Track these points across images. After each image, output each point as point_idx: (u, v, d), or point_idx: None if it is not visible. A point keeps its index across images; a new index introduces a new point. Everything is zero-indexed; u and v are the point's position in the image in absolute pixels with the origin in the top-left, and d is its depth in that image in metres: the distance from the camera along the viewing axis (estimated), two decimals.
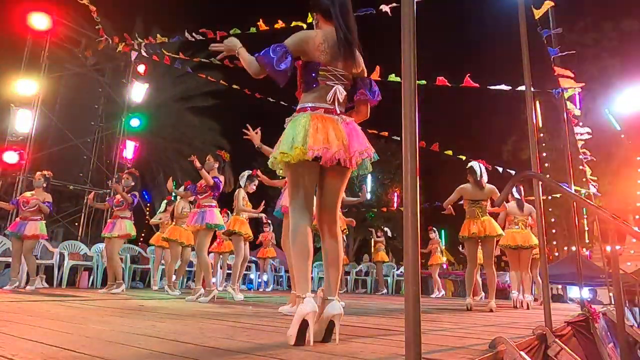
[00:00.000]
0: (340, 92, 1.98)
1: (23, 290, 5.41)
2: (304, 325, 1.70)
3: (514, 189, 5.59)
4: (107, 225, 6.08)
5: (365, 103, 2.12)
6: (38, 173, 6.03)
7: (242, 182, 5.74)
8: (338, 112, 1.98)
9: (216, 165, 4.93)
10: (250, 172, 5.67)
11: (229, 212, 6.97)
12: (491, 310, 4.38)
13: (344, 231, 4.71)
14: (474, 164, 4.91)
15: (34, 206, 5.67)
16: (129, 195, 5.88)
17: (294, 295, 3.06)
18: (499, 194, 4.71)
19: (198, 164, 4.71)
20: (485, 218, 4.77)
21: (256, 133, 3.56)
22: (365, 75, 2.15)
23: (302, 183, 1.92)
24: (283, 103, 6.77)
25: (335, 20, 2.00)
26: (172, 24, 15.06)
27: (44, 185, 5.87)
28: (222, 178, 4.88)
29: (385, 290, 10.05)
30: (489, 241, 4.71)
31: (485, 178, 4.85)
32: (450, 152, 7.03)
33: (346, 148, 1.89)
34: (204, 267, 4.72)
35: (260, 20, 5.57)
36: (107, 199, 6.48)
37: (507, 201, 5.68)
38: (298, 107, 2.02)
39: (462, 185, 4.90)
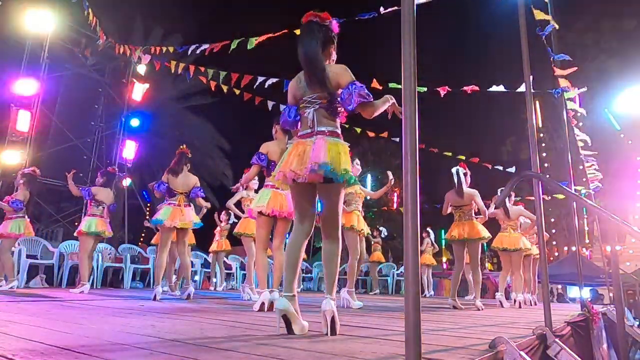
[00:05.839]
0: (313, 114, 2.19)
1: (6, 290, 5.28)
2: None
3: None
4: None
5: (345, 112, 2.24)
6: (20, 172, 5.94)
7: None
8: (316, 132, 2.15)
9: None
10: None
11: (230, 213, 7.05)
12: (478, 309, 4.56)
13: (362, 232, 4.71)
14: (454, 170, 4.91)
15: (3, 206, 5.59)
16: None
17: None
18: (478, 199, 4.82)
19: None
20: (467, 221, 4.85)
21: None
22: (343, 83, 2.17)
23: (296, 201, 2.25)
24: (283, 105, 6.78)
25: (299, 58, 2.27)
26: (172, 23, 15.11)
27: (21, 182, 5.70)
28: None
29: (377, 291, 10.02)
30: (473, 243, 4.84)
31: (464, 184, 4.85)
32: (449, 154, 7.02)
33: (304, 165, 2.06)
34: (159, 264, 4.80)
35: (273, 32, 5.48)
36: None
37: (500, 204, 5.65)
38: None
39: (448, 192, 4.98)
